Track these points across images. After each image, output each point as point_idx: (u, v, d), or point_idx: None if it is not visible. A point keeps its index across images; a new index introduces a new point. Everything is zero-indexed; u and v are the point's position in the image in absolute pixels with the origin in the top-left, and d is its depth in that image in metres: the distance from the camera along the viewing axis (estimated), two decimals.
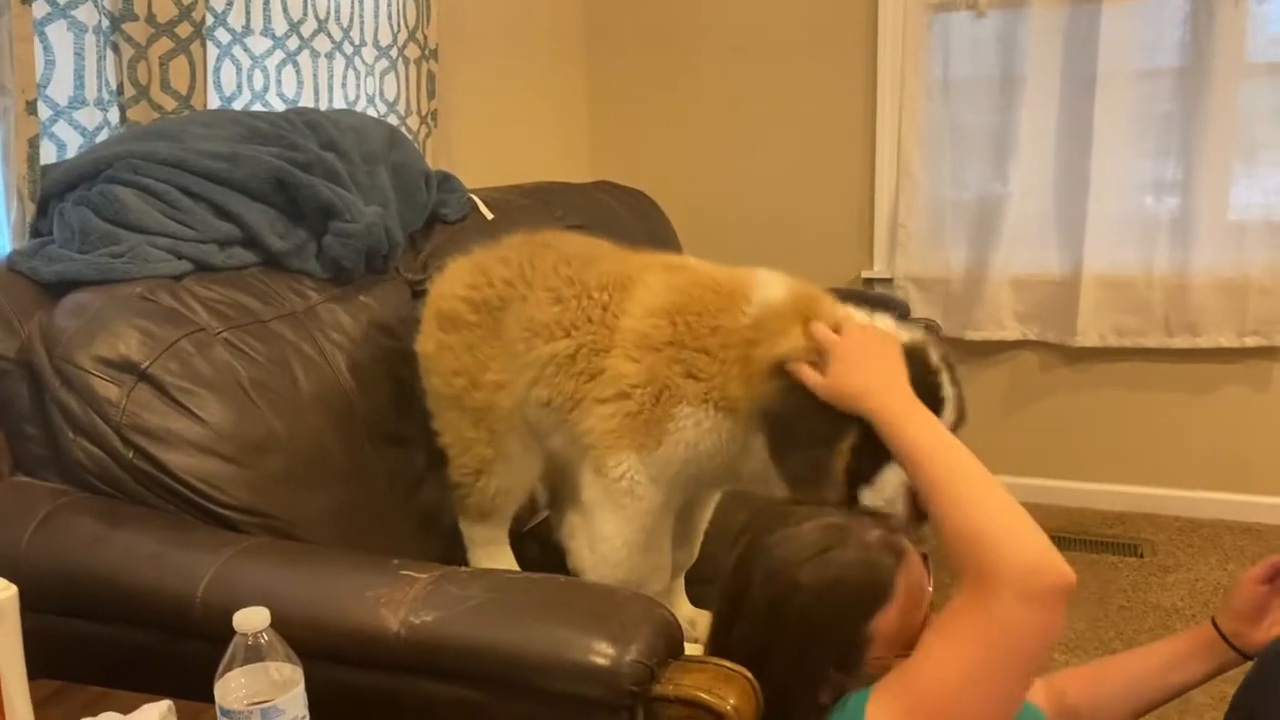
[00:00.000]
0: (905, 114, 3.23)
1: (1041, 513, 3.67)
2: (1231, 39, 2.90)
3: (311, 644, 1.05)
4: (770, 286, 1.47)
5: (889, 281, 3.32)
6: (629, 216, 2.80)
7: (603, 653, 1.10)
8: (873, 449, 1.27)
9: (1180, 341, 3.09)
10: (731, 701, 1.11)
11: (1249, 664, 1.29)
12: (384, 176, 1.92)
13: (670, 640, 1.16)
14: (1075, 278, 3.14)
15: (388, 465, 1.72)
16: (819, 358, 1.33)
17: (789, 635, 1.15)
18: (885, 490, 1.31)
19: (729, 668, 1.15)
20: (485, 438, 1.65)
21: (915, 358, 1.34)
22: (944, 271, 3.26)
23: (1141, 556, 2.92)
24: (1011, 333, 3.25)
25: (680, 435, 1.46)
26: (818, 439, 1.33)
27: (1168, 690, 1.36)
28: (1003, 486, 1.13)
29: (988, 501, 1.11)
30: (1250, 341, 3.02)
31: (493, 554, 1.75)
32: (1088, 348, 3.15)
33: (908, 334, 1.40)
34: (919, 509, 1.27)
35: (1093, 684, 1.40)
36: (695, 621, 1.66)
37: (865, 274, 3.35)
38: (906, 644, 1.13)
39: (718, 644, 1.22)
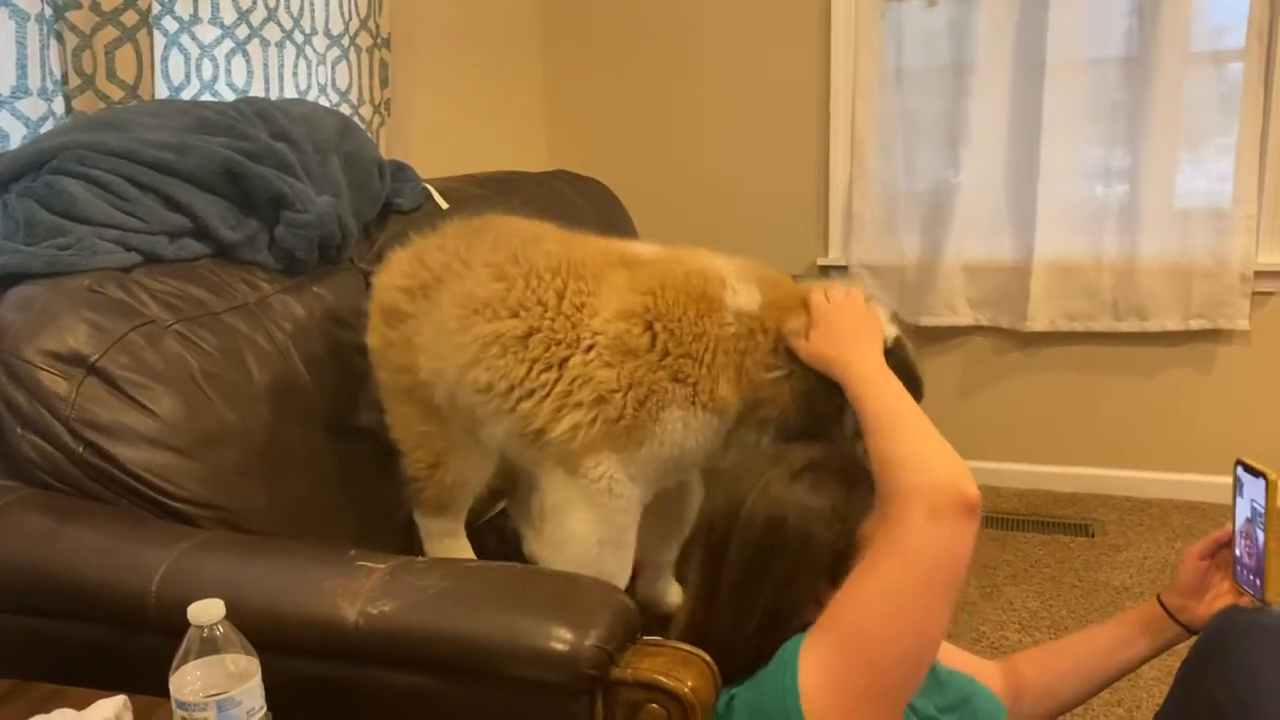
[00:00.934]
0: (858, 102, 3.25)
1: (995, 495, 3.73)
2: (1175, 28, 2.96)
3: (269, 636, 1.05)
4: (742, 292, 1.45)
5: (844, 269, 3.35)
6: (585, 205, 2.80)
7: (561, 638, 1.11)
8: None
9: (1128, 325, 3.15)
10: (690, 684, 1.12)
11: (1194, 639, 1.32)
12: (336, 166, 1.91)
13: (628, 625, 1.17)
14: (1026, 264, 3.18)
15: (343, 457, 1.71)
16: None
17: (785, 551, 1.18)
18: None
19: (687, 650, 1.16)
20: (437, 430, 1.62)
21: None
22: (898, 258, 3.29)
23: (1092, 536, 2.98)
24: (964, 318, 3.29)
25: (667, 437, 1.43)
26: (824, 420, 1.39)
27: (1118, 667, 1.40)
28: (936, 433, 1.17)
29: (913, 434, 1.16)
30: (1195, 324, 3.09)
31: (449, 546, 1.73)
32: (1039, 332, 3.21)
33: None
34: None
35: (1046, 665, 1.43)
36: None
37: (821, 261, 3.38)
38: None
39: (703, 582, 1.25)
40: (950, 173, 3.24)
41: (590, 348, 1.43)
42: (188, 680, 0.95)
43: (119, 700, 1.06)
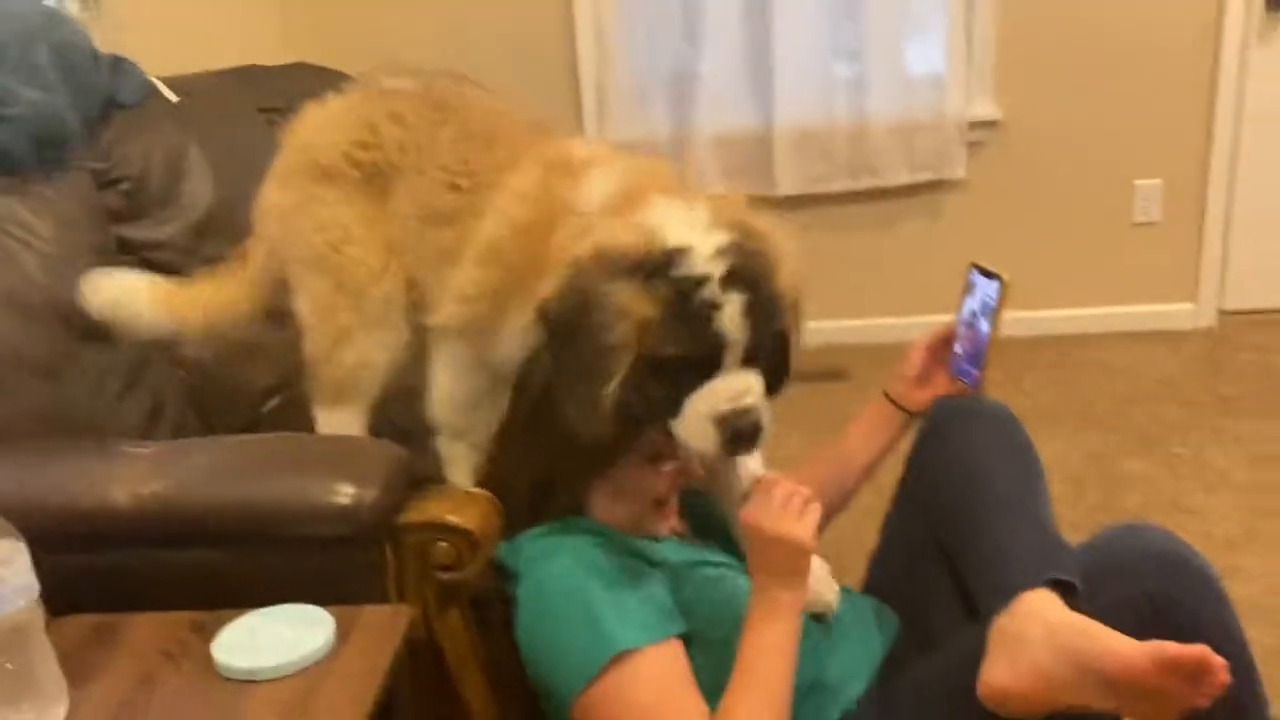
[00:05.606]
0: None
1: None
2: None
3: (38, 532, 1.01)
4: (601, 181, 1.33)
5: None
6: None
7: (344, 492, 1.14)
8: (669, 382, 1.17)
9: (864, 183, 3.40)
10: (476, 519, 1.18)
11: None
12: (44, 58, 1.76)
13: (410, 476, 1.22)
14: (768, 133, 3.36)
15: (98, 362, 1.63)
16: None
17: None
18: (691, 420, 1.18)
19: (469, 491, 1.22)
20: (348, 302, 1.49)
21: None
22: (650, 135, 3.39)
23: (844, 381, 3.25)
24: (717, 188, 3.45)
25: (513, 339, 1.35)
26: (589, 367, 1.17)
27: (868, 459, 1.57)
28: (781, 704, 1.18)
29: (761, 701, 1.16)
30: (921, 177, 3.38)
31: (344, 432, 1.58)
32: (786, 196, 3.40)
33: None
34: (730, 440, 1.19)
35: (812, 477, 1.58)
36: None
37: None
38: None
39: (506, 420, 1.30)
40: (692, 51, 3.35)
41: (476, 243, 1.38)
42: None
43: None
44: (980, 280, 1.44)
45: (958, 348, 1.48)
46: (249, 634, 1.07)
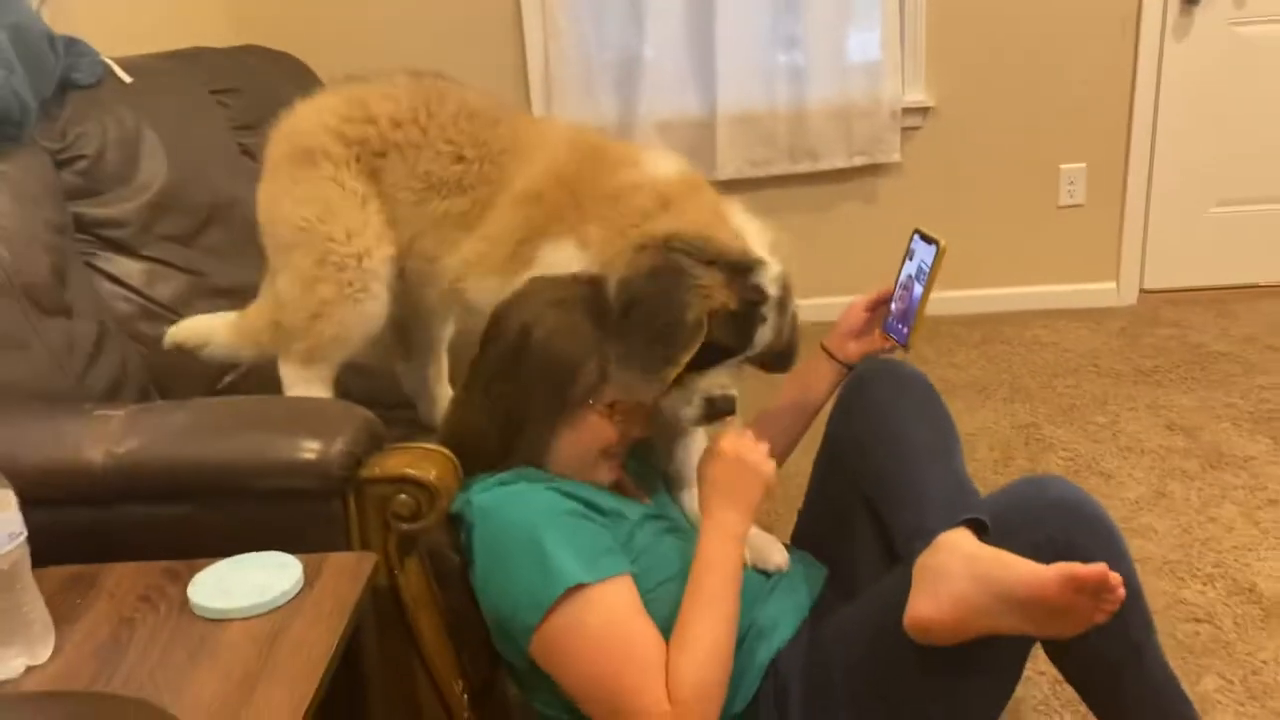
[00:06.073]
0: None
1: None
2: None
3: (16, 490, 1.06)
4: (661, 164, 1.50)
5: None
6: (281, 80, 2.74)
7: (309, 448, 1.22)
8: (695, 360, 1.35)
9: (803, 167, 3.51)
10: (434, 473, 1.26)
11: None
12: (1, 39, 1.80)
13: (372, 434, 1.29)
14: (711, 119, 3.46)
15: (58, 337, 1.67)
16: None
17: (529, 359, 1.36)
18: (690, 393, 1.40)
19: (428, 447, 1.30)
20: (329, 275, 1.57)
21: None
22: (596, 119, 3.46)
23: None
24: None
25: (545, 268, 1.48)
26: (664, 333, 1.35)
27: (810, 409, 1.69)
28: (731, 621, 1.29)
29: (715, 622, 1.27)
30: (858, 161, 3.49)
31: (313, 391, 1.66)
32: (728, 180, 3.50)
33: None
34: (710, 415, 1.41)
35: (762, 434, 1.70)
36: None
37: None
38: None
39: (467, 378, 1.43)
40: (637, 38, 3.44)
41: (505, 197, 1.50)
42: None
43: None
44: (920, 245, 1.55)
45: (893, 305, 1.58)
46: (222, 578, 1.14)
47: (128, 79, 2.12)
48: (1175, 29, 3.43)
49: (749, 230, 1.43)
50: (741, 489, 1.35)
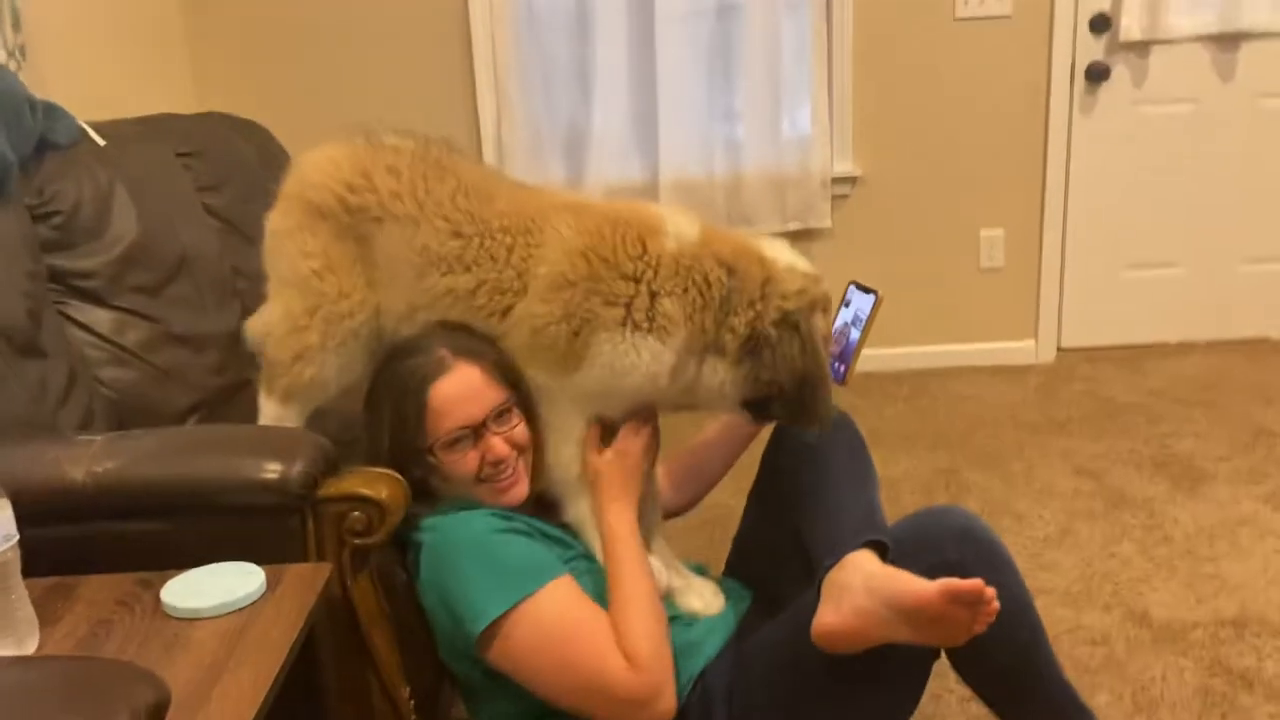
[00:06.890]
0: (498, 45, 3.58)
1: None
2: None
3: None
4: (682, 223, 1.57)
5: None
6: (245, 146, 2.89)
7: (271, 469, 1.35)
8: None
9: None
10: (385, 492, 1.40)
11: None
12: None
13: (327, 458, 1.42)
14: (654, 184, 3.68)
15: (33, 377, 1.78)
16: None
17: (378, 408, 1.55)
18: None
19: (379, 471, 1.44)
20: (317, 325, 1.65)
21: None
22: (546, 183, 3.64)
23: None
24: None
25: (600, 362, 1.52)
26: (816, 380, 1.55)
27: (739, 444, 1.86)
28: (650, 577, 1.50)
29: (639, 606, 1.44)
30: (791, 226, 3.71)
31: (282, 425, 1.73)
32: None
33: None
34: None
35: (700, 456, 1.88)
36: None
37: None
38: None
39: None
40: (585, 109, 3.66)
41: (533, 290, 1.54)
42: None
43: None
44: (857, 295, 1.73)
45: (832, 349, 1.75)
46: (192, 584, 1.26)
47: (101, 142, 2.26)
48: (1082, 105, 3.71)
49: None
50: (625, 489, 1.56)
